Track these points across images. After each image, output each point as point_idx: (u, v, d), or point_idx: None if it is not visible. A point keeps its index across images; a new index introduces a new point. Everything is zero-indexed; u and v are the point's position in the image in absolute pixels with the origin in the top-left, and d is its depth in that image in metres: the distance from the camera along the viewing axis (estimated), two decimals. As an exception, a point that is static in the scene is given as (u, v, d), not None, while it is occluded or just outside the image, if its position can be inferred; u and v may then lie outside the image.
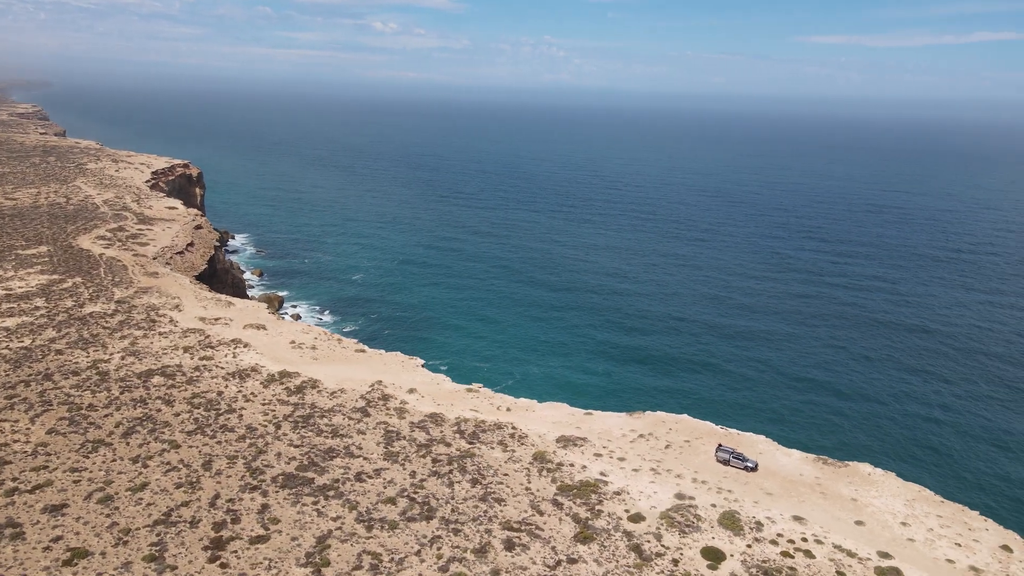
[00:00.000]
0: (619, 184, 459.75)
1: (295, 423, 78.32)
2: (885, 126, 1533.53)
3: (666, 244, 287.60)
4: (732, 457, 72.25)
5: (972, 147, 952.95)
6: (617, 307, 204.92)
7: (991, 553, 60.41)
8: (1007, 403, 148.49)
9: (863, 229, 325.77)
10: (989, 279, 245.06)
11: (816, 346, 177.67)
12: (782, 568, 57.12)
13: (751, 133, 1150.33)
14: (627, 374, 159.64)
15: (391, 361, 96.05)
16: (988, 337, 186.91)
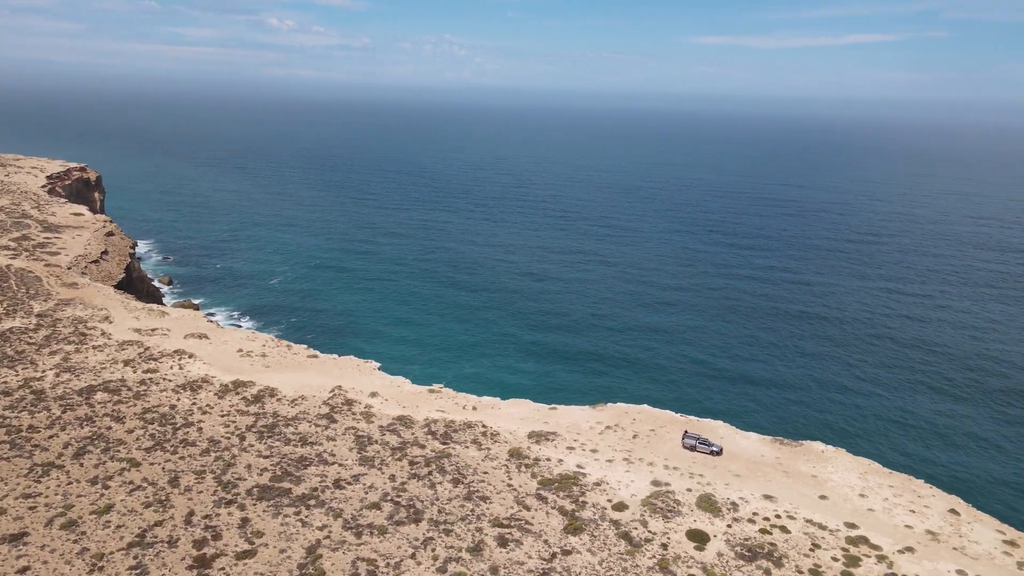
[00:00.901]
0: (529, 182, 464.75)
1: (260, 433, 76.13)
2: (773, 123, 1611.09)
3: (580, 241, 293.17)
4: (698, 443, 75.40)
5: (852, 143, 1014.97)
6: (539, 306, 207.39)
7: (942, 517, 65.77)
8: (903, 382, 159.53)
9: (763, 222, 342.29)
10: (878, 267, 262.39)
11: (732, 338, 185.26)
12: (763, 544, 60.34)
13: (650, 130, 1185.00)
14: (556, 372, 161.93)
15: (346, 365, 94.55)
16: (881, 321, 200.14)
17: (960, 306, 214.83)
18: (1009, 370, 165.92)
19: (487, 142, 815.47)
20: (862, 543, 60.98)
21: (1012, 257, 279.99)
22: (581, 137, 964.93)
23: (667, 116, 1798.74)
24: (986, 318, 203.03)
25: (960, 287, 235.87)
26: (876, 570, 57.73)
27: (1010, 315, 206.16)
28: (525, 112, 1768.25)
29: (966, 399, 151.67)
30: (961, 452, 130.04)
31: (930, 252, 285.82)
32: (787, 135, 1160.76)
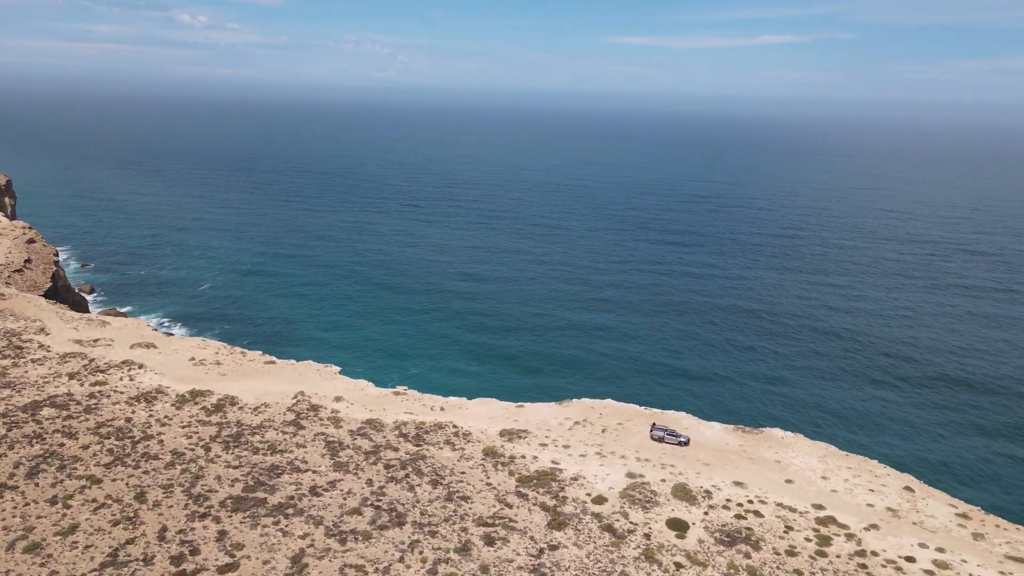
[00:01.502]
0: (460, 182, 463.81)
1: (225, 443, 73.96)
2: (692, 121, 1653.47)
3: (513, 240, 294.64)
4: (666, 434, 77.42)
5: (768, 140, 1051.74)
6: (477, 307, 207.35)
7: (898, 495, 69.64)
8: (831, 371, 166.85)
9: (690, 218, 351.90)
10: (800, 260, 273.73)
11: (668, 333, 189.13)
12: (741, 529, 62.59)
13: (575, 129, 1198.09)
14: (498, 373, 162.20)
15: (306, 371, 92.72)
16: (807, 312, 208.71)
17: (875, 295, 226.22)
18: (924, 355, 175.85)
19: (415, 142, 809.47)
20: (831, 523, 64.02)
21: (917, 248, 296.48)
22: (508, 136, 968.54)
23: (591, 115, 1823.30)
24: (899, 306, 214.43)
25: (875, 277, 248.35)
26: (846, 548, 60.73)
27: (919, 303, 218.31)
28: (452, 111, 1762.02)
29: (888, 384, 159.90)
30: (888, 434, 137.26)
31: (846, 245, 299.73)
32: (706, 133, 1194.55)
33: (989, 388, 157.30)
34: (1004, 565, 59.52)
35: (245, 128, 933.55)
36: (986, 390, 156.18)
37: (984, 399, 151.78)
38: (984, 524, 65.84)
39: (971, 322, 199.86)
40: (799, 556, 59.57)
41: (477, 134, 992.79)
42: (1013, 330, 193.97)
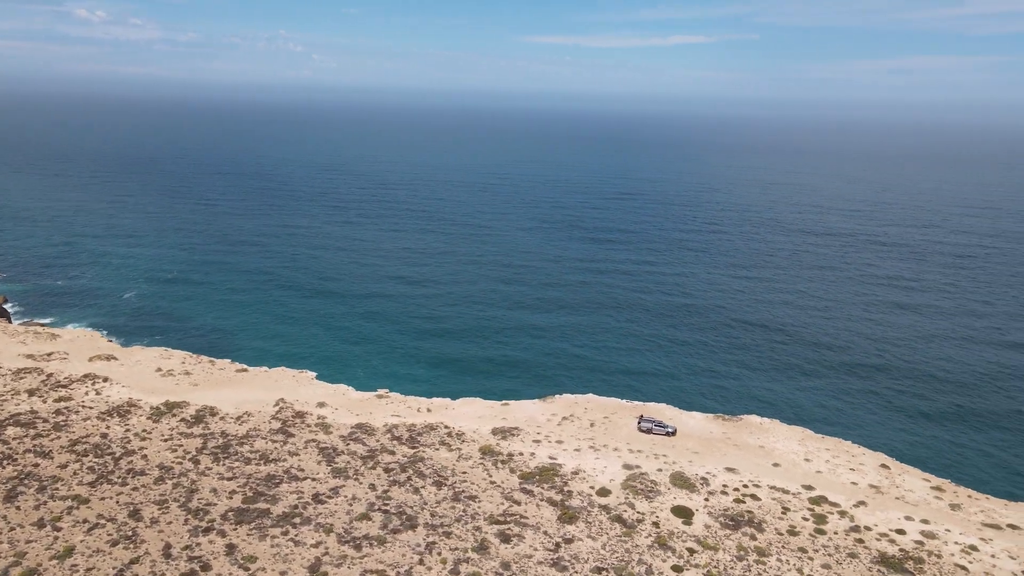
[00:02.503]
0: (387, 183, 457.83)
1: (214, 455, 71.57)
2: (611, 120, 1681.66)
3: (446, 242, 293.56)
4: (654, 426, 79.58)
5: (685, 138, 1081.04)
6: (416, 310, 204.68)
7: (877, 472, 73.93)
8: (761, 361, 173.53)
9: (618, 216, 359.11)
10: (723, 254, 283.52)
11: (606, 331, 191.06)
12: (742, 513, 65.17)
13: (497, 128, 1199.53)
14: (444, 378, 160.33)
15: (281, 377, 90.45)
16: (735, 306, 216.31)
17: (797, 287, 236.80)
18: (846, 344, 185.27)
19: (336, 142, 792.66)
20: (823, 502, 67.44)
21: (831, 240, 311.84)
22: (431, 136, 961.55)
23: (512, 114, 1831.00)
24: (819, 297, 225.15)
25: (796, 270, 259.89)
26: (841, 524, 64.16)
27: (837, 294, 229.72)
28: (372, 111, 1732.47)
29: (816, 373, 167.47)
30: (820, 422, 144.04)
31: (765, 239, 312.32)
32: (624, 131, 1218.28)
33: (907, 372, 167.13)
34: (983, 532, 64.19)
35: (153, 128, 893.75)
36: (905, 374, 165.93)
37: (905, 383, 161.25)
38: (957, 495, 70.76)
39: (885, 310, 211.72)
40: (800, 535, 62.56)
41: (400, 133, 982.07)
42: (921, 316, 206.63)
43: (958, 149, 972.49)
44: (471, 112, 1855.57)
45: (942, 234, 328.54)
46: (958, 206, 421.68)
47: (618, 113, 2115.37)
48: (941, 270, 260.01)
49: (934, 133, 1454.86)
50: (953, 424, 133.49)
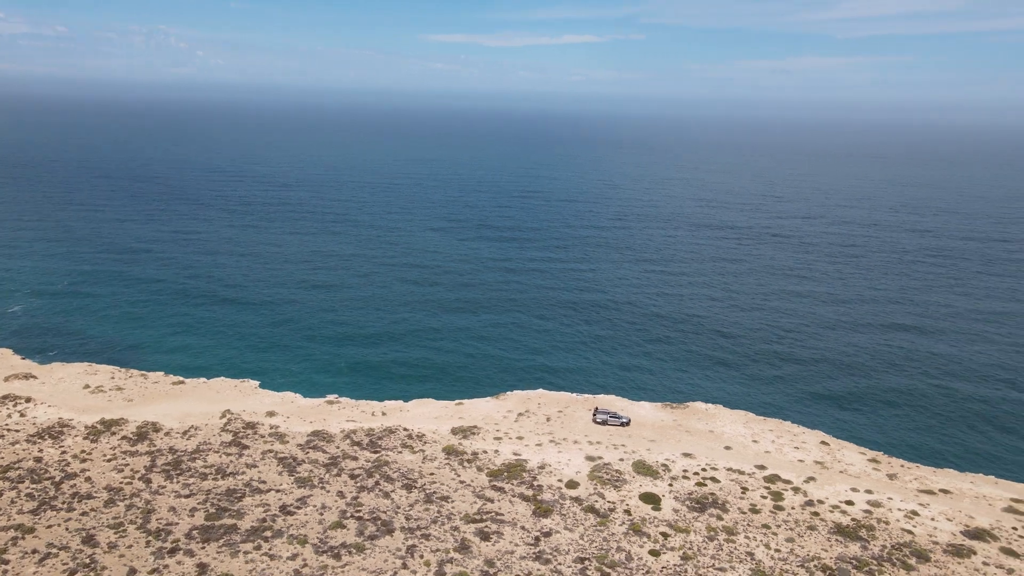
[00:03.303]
0: (287, 184, 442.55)
1: (166, 472, 68.03)
2: (509, 118, 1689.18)
3: (355, 245, 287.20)
4: (609, 417, 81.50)
5: (581, 135, 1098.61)
6: (329, 316, 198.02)
7: (818, 449, 78.58)
8: (676, 354, 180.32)
9: (524, 214, 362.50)
10: (630, 249, 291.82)
11: (524, 330, 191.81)
12: (706, 495, 67.88)
13: (399, 126, 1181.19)
14: (366, 385, 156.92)
15: (223, 388, 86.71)
16: (646, 300, 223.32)
17: (701, 279, 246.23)
18: (752, 332, 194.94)
19: (228, 143, 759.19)
20: (777, 480, 71.13)
21: (728, 232, 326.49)
22: (330, 135, 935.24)
23: (412, 113, 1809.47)
24: (722, 288, 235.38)
25: (698, 263, 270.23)
26: (796, 499, 67.92)
27: (738, 284, 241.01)
28: (266, 110, 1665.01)
29: (727, 362, 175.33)
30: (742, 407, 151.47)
31: (667, 233, 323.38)
32: (523, 129, 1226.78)
33: (809, 359, 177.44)
34: (920, 498, 69.49)
35: (23, 128, 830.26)
36: (807, 361, 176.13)
37: (808, 369, 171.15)
38: (892, 466, 76.22)
39: (784, 299, 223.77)
40: (762, 512, 65.82)
41: (297, 133, 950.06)
42: (817, 303, 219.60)
43: (833, 145, 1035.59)
44: (372, 111, 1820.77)
45: (825, 225, 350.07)
46: (837, 198, 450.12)
47: (516, 111, 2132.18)
48: (828, 259, 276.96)
49: (811, 130, 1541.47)
50: (862, 403, 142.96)
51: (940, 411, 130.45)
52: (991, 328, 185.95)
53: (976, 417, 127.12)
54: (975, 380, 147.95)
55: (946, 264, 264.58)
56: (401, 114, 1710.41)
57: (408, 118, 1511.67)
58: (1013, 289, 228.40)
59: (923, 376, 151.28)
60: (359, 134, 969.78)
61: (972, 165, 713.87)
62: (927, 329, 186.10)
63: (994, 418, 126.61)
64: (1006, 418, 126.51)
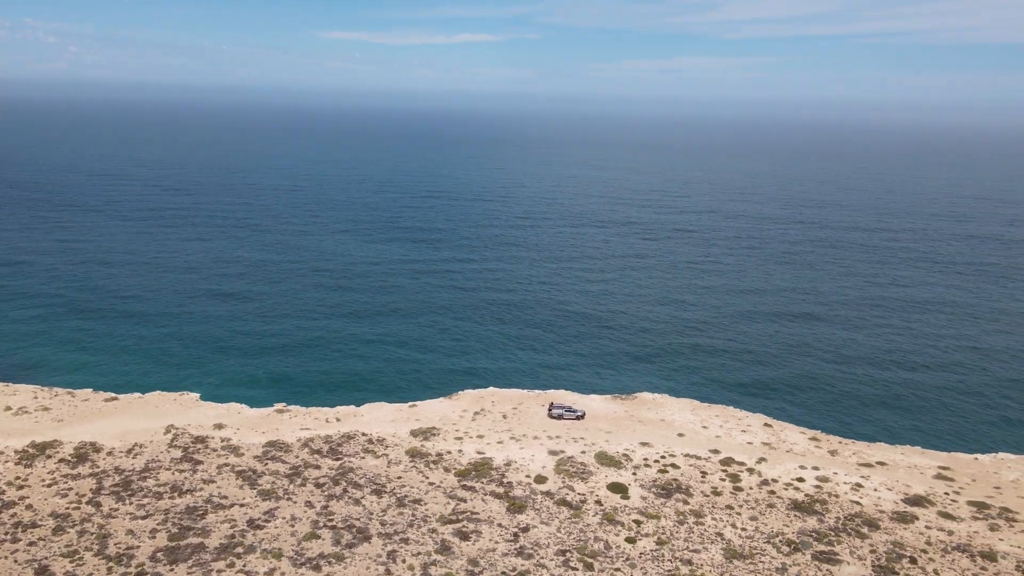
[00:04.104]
0: (180, 188, 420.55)
1: (116, 495, 64.08)
2: (409, 117, 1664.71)
3: (261, 251, 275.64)
4: (565, 411, 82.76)
5: (481, 133, 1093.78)
6: (240, 327, 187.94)
7: (763, 431, 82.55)
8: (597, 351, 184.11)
9: (431, 214, 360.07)
10: (542, 248, 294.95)
11: (442, 333, 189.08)
12: (670, 482, 70.14)
13: (297, 126, 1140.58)
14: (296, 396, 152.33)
15: (160, 402, 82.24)
16: (558, 297, 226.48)
17: (610, 276, 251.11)
18: (666, 326, 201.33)
19: (115, 143, 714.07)
20: (732, 463, 74.31)
21: (632, 228, 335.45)
22: (223, 135, 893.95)
23: (309, 112, 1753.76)
24: (633, 284, 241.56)
25: (606, 260, 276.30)
26: (752, 480, 71.24)
27: (647, 280, 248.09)
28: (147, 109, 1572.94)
29: (646, 357, 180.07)
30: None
31: (574, 231, 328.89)
32: (425, 128, 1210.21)
33: (723, 349, 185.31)
34: (861, 471, 74.31)
35: None
36: (721, 351, 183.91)
37: (724, 359, 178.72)
38: (831, 443, 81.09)
39: (692, 293, 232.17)
40: (724, 495, 68.65)
41: (185, 133, 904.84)
42: (722, 296, 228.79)
43: (719, 141, 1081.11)
44: (265, 109, 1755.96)
45: (721, 219, 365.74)
46: (729, 193, 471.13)
47: (415, 110, 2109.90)
48: (728, 253, 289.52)
49: (698, 127, 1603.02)
50: (777, 389, 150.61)
51: (848, 392, 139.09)
52: (876, 313, 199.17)
53: (884, 396, 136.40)
54: (874, 363, 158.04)
55: (832, 254, 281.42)
56: (297, 113, 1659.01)
57: (304, 117, 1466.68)
58: (894, 275, 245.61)
59: (826, 361, 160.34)
60: (253, 134, 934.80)
61: (848, 160, 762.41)
62: (822, 316, 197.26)
63: (898, 396, 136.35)
64: (907, 396, 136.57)
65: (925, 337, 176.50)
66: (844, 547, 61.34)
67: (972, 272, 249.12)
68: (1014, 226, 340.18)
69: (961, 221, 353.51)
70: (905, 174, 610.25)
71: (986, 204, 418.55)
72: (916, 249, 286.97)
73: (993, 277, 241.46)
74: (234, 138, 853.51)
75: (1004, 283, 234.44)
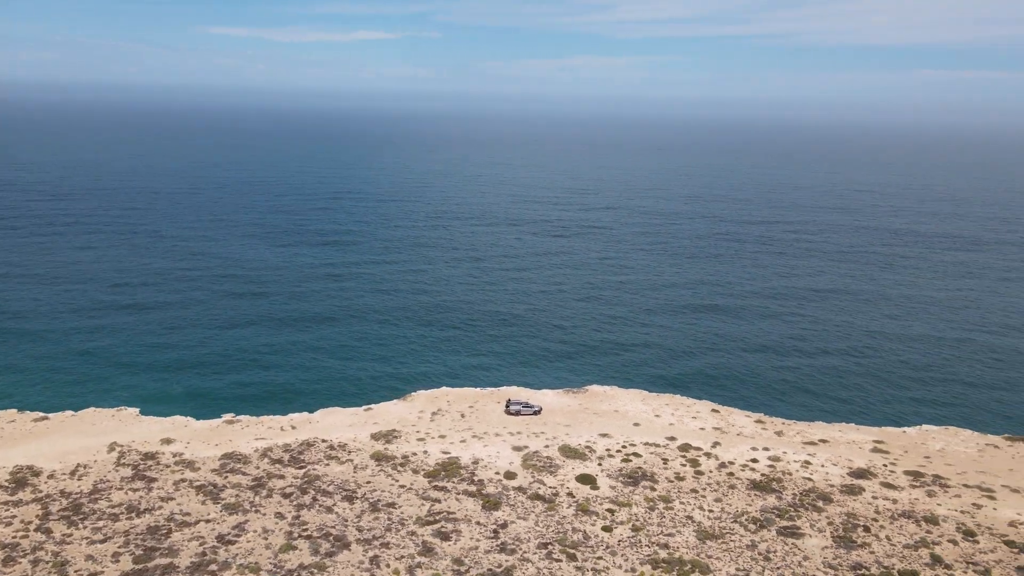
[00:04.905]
0: (63, 193, 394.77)
1: (67, 519, 59.94)
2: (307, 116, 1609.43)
3: (159, 257, 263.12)
4: (522, 407, 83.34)
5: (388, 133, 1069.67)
6: (147, 340, 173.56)
7: (712, 416, 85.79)
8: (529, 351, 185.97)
9: (340, 216, 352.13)
10: (455, 249, 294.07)
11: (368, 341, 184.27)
12: (635, 470, 71.91)
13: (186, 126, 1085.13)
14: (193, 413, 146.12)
15: (97, 419, 77.24)
16: (481, 297, 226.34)
17: (527, 275, 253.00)
18: (581, 324, 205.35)
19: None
20: (690, 448, 76.91)
21: (544, 227, 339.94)
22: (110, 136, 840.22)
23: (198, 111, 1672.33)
24: (548, 283, 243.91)
25: (521, 259, 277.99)
26: (711, 464, 74.01)
27: (562, 278, 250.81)
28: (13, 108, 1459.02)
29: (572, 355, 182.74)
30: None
31: (486, 231, 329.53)
32: (325, 128, 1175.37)
33: (644, 343, 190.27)
34: (807, 449, 78.50)
35: None
36: (642, 345, 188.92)
37: (645, 352, 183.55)
38: (775, 424, 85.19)
39: (608, 289, 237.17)
40: (687, 480, 71.02)
41: (69, 135, 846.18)
42: (635, 292, 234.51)
43: (619, 138, 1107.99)
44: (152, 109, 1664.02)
45: (627, 215, 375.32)
46: (634, 189, 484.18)
47: (313, 109, 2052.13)
48: (637, 248, 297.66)
49: (598, 125, 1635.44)
50: (699, 379, 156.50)
51: (769, 378, 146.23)
52: (776, 303, 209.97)
53: (801, 380, 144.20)
54: (787, 351, 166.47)
55: (736, 247, 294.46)
56: (186, 112, 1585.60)
57: (195, 117, 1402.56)
58: (793, 266, 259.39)
59: (743, 351, 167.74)
60: (140, 133, 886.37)
61: (743, 156, 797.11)
62: (733, 308, 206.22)
63: (814, 379, 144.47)
64: (821, 379, 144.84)
65: (827, 324, 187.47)
66: (804, 521, 64.71)
67: (861, 261, 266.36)
68: (897, 216, 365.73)
69: (848, 213, 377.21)
70: (797, 169, 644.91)
71: (869, 196, 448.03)
72: (811, 240, 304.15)
73: (879, 267, 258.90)
74: (120, 139, 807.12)
75: (891, 271, 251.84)
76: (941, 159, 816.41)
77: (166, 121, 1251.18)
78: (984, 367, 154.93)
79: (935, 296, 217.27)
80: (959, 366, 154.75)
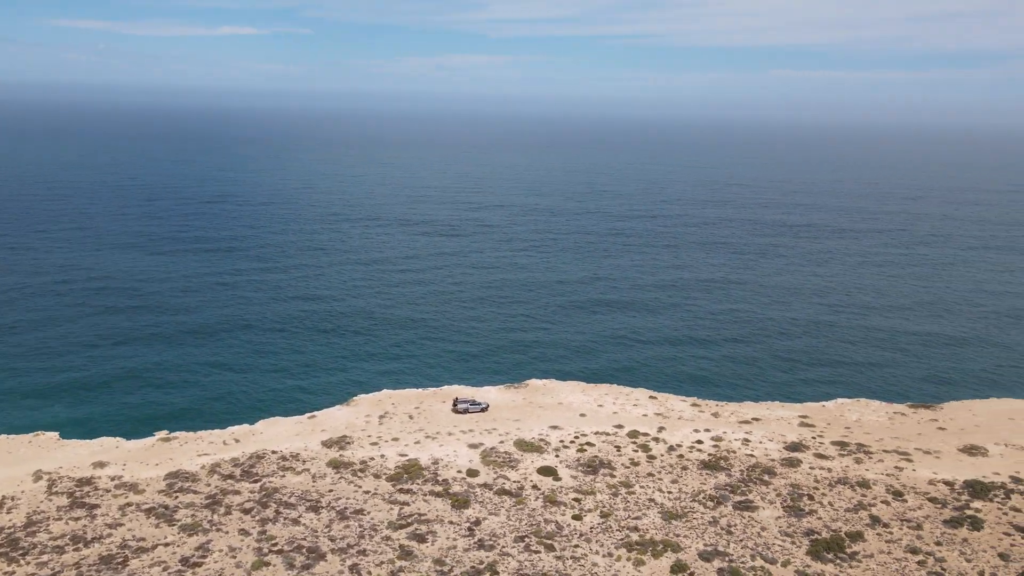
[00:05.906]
0: None
1: (4, 556, 54.52)
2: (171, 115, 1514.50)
3: (14, 274, 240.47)
4: (470, 405, 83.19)
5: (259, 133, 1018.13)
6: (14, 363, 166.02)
7: (651, 403, 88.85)
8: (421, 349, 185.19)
9: (221, 222, 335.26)
10: (345, 251, 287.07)
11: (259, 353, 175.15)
12: (592, 459, 73.50)
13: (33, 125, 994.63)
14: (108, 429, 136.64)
15: (15, 446, 70.26)
16: (377, 301, 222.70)
17: (427, 277, 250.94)
18: (478, 324, 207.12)
19: None
20: (638, 435, 79.38)
21: (438, 228, 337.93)
22: None
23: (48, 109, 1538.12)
24: (451, 284, 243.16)
25: (420, 261, 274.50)
26: (661, 448, 76.76)
27: (463, 278, 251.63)
28: None
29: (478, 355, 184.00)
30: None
31: (382, 232, 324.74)
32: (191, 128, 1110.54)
33: (550, 341, 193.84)
34: (744, 428, 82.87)
35: None
36: (547, 343, 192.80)
37: (553, 350, 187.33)
38: (710, 407, 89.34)
39: (508, 289, 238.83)
40: (641, 465, 73.35)
41: None
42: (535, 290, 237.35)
43: (499, 136, 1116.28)
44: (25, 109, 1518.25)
45: (518, 213, 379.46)
46: (521, 186, 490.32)
47: (176, 107, 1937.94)
48: (529, 246, 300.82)
49: (475, 123, 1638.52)
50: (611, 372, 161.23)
51: (681, 367, 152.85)
52: (669, 295, 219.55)
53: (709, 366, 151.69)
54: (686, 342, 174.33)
55: (622, 241, 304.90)
56: (33, 110, 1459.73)
57: (46, 116, 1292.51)
58: (677, 258, 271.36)
59: (647, 342, 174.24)
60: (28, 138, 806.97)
61: (618, 151, 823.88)
62: (628, 301, 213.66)
63: (718, 364, 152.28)
64: (725, 363, 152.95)
65: (719, 312, 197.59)
66: (755, 495, 68.45)
67: (740, 251, 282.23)
68: (767, 208, 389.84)
69: (721, 206, 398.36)
70: (673, 165, 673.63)
71: (741, 190, 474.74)
72: (693, 233, 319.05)
73: (755, 255, 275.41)
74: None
75: (766, 259, 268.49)
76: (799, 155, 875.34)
77: (9, 120, 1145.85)
78: (869, 346, 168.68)
79: (805, 283, 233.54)
80: (843, 346, 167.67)
